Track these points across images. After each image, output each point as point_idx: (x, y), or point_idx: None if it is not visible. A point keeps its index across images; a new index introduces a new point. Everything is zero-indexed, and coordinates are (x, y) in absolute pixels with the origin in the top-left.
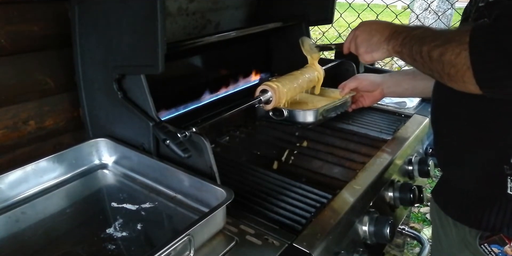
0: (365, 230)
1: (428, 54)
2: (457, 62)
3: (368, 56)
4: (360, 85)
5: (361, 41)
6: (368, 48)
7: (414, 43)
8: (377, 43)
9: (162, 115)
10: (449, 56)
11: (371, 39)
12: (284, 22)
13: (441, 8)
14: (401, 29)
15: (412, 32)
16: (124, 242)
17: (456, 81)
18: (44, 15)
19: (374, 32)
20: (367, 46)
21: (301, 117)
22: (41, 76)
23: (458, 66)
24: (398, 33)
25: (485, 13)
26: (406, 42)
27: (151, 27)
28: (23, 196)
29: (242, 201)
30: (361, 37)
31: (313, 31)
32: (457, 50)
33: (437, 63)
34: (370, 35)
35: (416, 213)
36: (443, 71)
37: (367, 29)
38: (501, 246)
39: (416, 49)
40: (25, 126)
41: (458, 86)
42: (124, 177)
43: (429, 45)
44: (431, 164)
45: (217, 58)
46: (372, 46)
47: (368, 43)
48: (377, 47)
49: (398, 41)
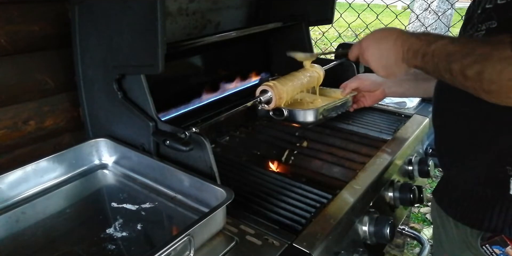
0: (365, 230)
1: (462, 73)
2: (501, 78)
3: (392, 77)
4: (361, 85)
5: (378, 67)
6: (389, 70)
7: (439, 61)
8: (396, 65)
9: (162, 115)
10: (489, 74)
11: (387, 62)
12: (284, 22)
13: (441, 8)
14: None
15: (430, 47)
16: (124, 242)
17: (498, 97)
18: (44, 15)
19: (385, 53)
20: (387, 70)
21: (302, 117)
22: (41, 76)
23: (501, 82)
24: (414, 51)
25: (492, 15)
26: (428, 60)
27: (151, 27)
28: (23, 196)
29: (242, 201)
30: (374, 63)
31: (313, 31)
32: (499, 67)
33: (474, 81)
34: (383, 58)
35: (416, 213)
36: (481, 88)
37: (377, 54)
38: (503, 247)
39: (444, 67)
40: (25, 126)
41: (498, 101)
42: (124, 177)
43: (461, 63)
44: (431, 164)
45: (217, 58)
46: (392, 68)
47: (386, 67)
48: (397, 68)
49: (417, 59)
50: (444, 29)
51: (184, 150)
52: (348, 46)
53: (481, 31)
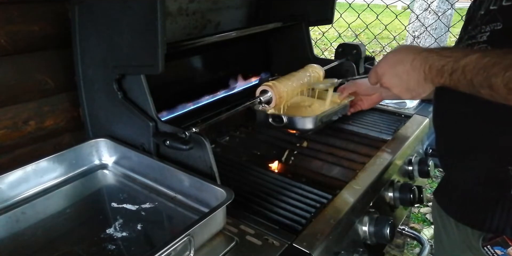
0: (365, 230)
1: (506, 86)
2: None
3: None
4: (358, 89)
5: (401, 91)
6: (414, 93)
7: (473, 77)
8: (419, 85)
9: (162, 115)
10: None
11: (408, 85)
12: (284, 22)
13: (441, 8)
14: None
15: (459, 63)
16: (124, 242)
17: None
18: (44, 15)
19: (405, 76)
20: (411, 92)
21: (301, 124)
22: (41, 76)
23: None
24: (438, 67)
25: (497, 17)
26: (458, 77)
27: (151, 27)
28: (23, 196)
29: (242, 201)
30: (396, 88)
31: (313, 31)
32: None
33: None
34: (403, 82)
35: (416, 214)
36: None
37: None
38: (504, 248)
39: (480, 82)
40: (25, 126)
41: None
42: (124, 177)
43: (503, 76)
44: (431, 165)
45: (217, 58)
46: (417, 89)
47: (408, 90)
48: (422, 88)
49: (444, 78)
50: (444, 29)
51: (184, 149)
52: (348, 46)
53: (485, 32)
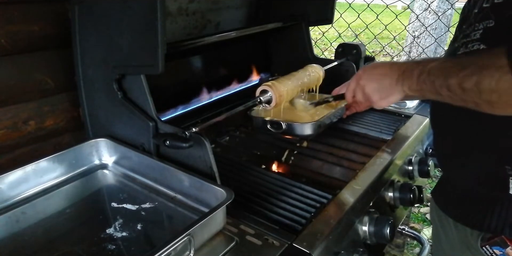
0: (365, 230)
1: (460, 86)
2: (499, 87)
3: (384, 102)
4: None
5: (372, 90)
6: (382, 94)
7: (436, 78)
8: (390, 87)
9: (162, 115)
10: (487, 84)
11: (381, 84)
12: (284, 22)
13: (441, 8)
14: (410, 66)
15: (426, 67)
16: (124, 242)
17: (500, 107)
18: (44, 15)
19: (380, 77)
20: (380, 93)
21: (300, 130)
22: (41, 76)
23: (500, 91)
24: (409, 71)
25: (490, 14)
26: (424, 78)
27: (151, 27)
28: (23, 196)
29: (242, 201)
30: (369, 86)
31: (313, 31)
32: (497, 76)
33: (473, 93)
34: (378, 81)
35: (416, 213)
36: (482, 99)
37: (372, 77)
38: (503, 248)
39: (440, 83)
40: (25, 126)
41: (501, 111)
42: (124, 177)
43: (457, 76)
44: (431, 164)
45: (217, 58)
46: (386, 91)
47: (380, 89)
48: (391, 90)
49: (413, 79)
50: (444, 29)
51: (184, 146)
52: (348, 46)
53: (478, 30)
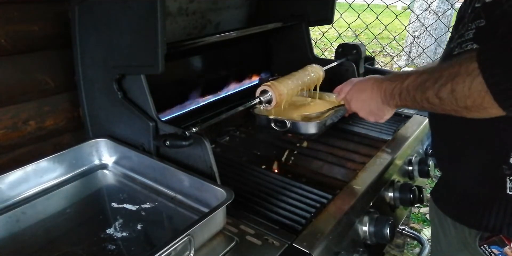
0: (365, 230)
1: (437, 96)
2: (472, 91)
3: (382, 120)
4: None
5: (365, 115)
6: (376, 116)
7: (415, 94)
8: (379, 109)
9: (162, 115)
10: (461, 90)
11: (370, 109)
12: (284, 22)
13: (441, 8)
14: (389, 85)
15: (403, 84)
16: (124, 242)
17: (476, 110)
18: (44, 15)
19: (367, 102)
20: (373, 115)
21: (304, 129)
22: (41, 76)
23: (474, 95)
24: (389, 90)
25: (481, 14)
26: (405, 96)
27: (151, 27)
28: (24, 196)
29: (242, 201)
30: (361, 112)
31: (313, 31)
32: (468, 80)
33: (450, 101)
34: (366, 107)
35: (416, 214)
36: (458, 106)
37: (360, 104)
38: (501, 247)
39: (420, 97)
40: (25, 126)
41: (479, 115)
42: (124, 177)
43: (433, 88)
44: (431, 165)
45: (217, 58)
46: (377, 112)
47: (371, 113)
48: (381, 111)
49: (395, 99)
50: (444, 29)
51: (184, 145)
52: (348, 46)
53: (471, 30)
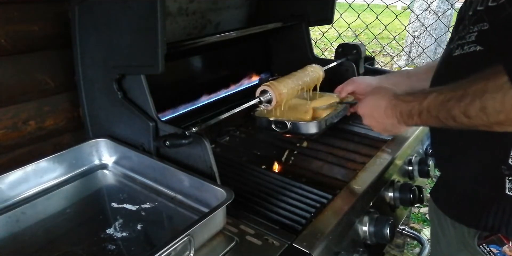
0: (365, 230)
1: (465, 115)
2: (505, 106)
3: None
4: (357, 88)
5: (380, 130)
6: (391, 132)
7: (438, 113)
8: (395, 127)
9: (162, 115)
10: (492, 106)
11: (385, 127)
12: (284, 22)
13: (441, 8)
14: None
15: (423, 104)
16: (124, 242)
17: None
18: (44, 15)
19: (381, 120)
20: (388, 131)
21: (305, 129)
22: (41, 76)
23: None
24: (407, 112)
25: (484, 17)
26: (426, 117)
27: (151, 27)
28: (24, 196)
29: (242, 201)
30: (375, 128)
31: (313, 31)
32: (499, 95)
33: (480, 119)
34: (381, 125)
35: (416, 213)
36: (490, 121)
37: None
38: (500, 246)
39: (445, 117)
40: (25, 126)
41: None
42: (124, 177)
43: (459, 107)
44: (431, 164)
45: (217, 58)
46: (392, 129)
47: (386, 130)
48: (397, 128)
49: (414, 120)
50: (444, 29)
51: (184, 143)
52: (348, 46)
53: (473, 32)
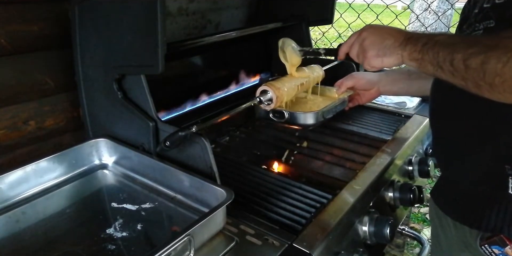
0: (365, 230)
1: (464, 63)
2: (506, 70)
3: (377, 61)
4: (357, 83)
5: (371, 43)
6: (380, 51)
7: (441, 50)
8: (391, 47)
9: (162, 115)
10: (493, 65)
11: (383, 42)
12: (284, 22)
13: (441, 8)
14: (418, 34)
15: (434, 38)
16: (124, 242)
17: (500, 91)
18: (44, 15)
19: (386, 35)
20: (378, 49)
21: (302, 119)
22: (41, 76)
23: (505, 76)
24: (415, 38)
25: (490, 15)
26: (428, 48)
27: (151, 27)
28: (24, 196)
29: (242, 201)
30: (370, 39)
31: (313, 31)
32: (505, 58)
33: (476, 72)
34: (382, 38)
35: (416, 213)
36: (483, 80)
37: (378, 32)
38: (502, 247)
39: (444, 56)
40: (25, 126)
41: (500, 97)
42: (124, 177)
43: (464, 52)
44: (431, 164)
45: (217, 58)
46: (385, 49)
47: (379, 46)
48: (390, 51)
49: (417, 46)
50: (444, 29)
51: (181, 135)
52: None
53: (478, 30)
